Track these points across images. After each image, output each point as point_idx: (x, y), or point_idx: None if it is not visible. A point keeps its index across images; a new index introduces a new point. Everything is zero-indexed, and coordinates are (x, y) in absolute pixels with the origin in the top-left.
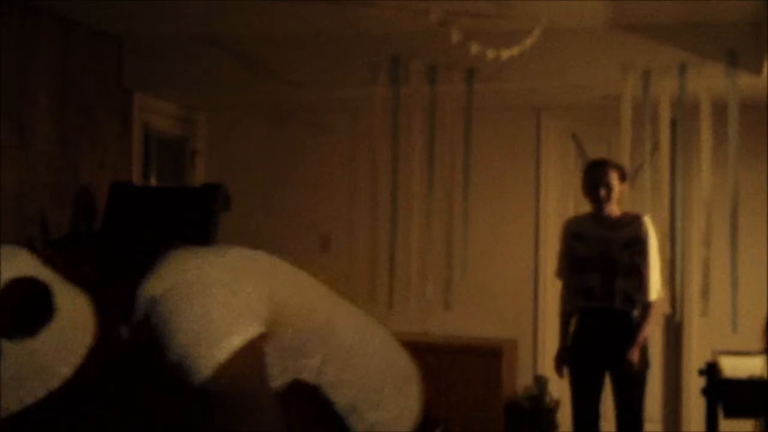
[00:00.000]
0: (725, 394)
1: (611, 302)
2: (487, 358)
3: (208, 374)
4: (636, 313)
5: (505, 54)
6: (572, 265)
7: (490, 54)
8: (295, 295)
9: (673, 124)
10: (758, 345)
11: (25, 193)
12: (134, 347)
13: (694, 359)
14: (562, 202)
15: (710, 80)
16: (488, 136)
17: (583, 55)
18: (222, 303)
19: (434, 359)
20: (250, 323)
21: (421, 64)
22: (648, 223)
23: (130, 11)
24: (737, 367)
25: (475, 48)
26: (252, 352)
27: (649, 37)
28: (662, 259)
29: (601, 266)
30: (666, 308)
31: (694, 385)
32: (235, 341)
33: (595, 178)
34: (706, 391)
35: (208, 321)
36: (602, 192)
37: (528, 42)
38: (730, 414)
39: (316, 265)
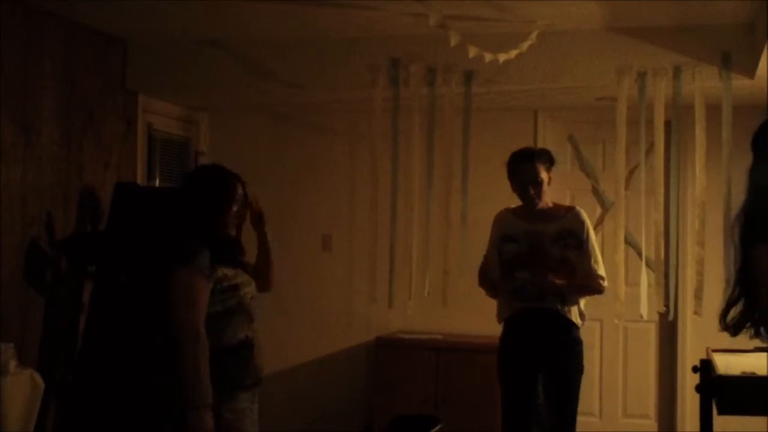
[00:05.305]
0: (719, 391)
1: (542, 300)
2: (485, 356)
3: None
4: (566, 309)
5: (503, 56)
6: (503, 266)
7: (488, 56)
8: None
9: (668, 126)
10: (751, 343)
11: (29, 193)
12: None
13: (688, 357)
14: (558, 201)
15: (704, 82)
16: (486, 137)
17: (579, 58)
18: None
19: (434, 357)
20: None
21: (420, 66)
22: (582, 214)
23: (133, 14)
24: (731, 365)
25: (473, 51)
26: None
27: (645, 39)
28: (658, 259)
29: (531, 261)
30: (659, 306)
31: (688, 382)
32: None
33: (522, 175)
34: (699, 388)
35: None
36: (532, 191)
37: (525, 45)
38: (724, 411)
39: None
